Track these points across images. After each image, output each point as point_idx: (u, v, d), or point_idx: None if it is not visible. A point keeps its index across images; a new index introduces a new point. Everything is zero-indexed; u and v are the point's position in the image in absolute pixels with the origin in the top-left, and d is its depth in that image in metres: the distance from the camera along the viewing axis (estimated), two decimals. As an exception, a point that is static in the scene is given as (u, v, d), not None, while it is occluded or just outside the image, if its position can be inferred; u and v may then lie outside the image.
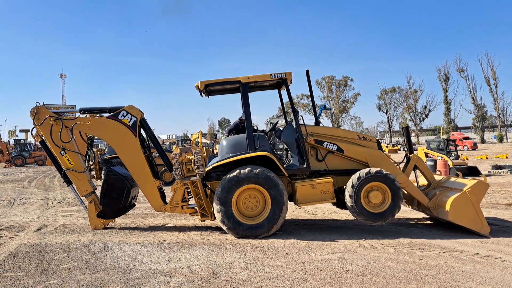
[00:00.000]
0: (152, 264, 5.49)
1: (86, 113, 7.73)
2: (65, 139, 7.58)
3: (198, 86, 7.55)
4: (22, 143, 38.87)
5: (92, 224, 7.72)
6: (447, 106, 73.92)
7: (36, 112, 7.55)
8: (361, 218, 7.04)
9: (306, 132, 7.48)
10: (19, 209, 10.54)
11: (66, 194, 13.76)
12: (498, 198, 11.17)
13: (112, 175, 7.70)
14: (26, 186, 17.31)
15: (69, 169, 7.64)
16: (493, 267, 5.25)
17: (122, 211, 7.91)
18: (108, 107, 7.72)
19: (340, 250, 6.11)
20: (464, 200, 6.90)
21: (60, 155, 7.62)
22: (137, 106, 7.76)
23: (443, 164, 18.65)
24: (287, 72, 7.48)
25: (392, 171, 7.43)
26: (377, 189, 7.06)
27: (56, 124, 7.57)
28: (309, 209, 9.81)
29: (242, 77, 7.37)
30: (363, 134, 8.03)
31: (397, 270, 5.14)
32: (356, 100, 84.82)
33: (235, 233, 6.92)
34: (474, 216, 6.88)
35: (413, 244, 6.41)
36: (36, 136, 7.78)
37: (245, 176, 6.92)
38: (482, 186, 7.11)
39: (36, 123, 7.57)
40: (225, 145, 7.44)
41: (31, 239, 6.97)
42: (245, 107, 7.38)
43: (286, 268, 5.27)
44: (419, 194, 7.58)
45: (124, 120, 7.60)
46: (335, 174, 7.57)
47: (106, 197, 7.65)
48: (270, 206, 6.97)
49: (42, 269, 5.34)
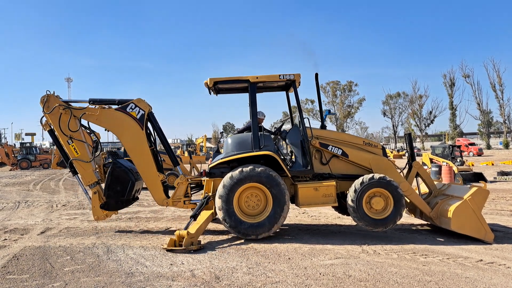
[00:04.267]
0: (154, 267, 5.50)
1: (95, 104, 7.79)
2: (73, 128, 7.66)
3: (207, 83, 7.63)
4: (27, 147, 39.08)
5: (95, 215, 7.76)
6: (453, 112, 73.64)
7: (46, 100, 7.65)
8: (362, 224, 7.02)
9: (311, 135, 7.49)
10: (24, 212, 10.61)
11: (70, 197, 13.82)
12: (503, 205, 11.09)
13: (117, 167, 7.75)
14: (31, 189, 17.41)
15: (75, 159, 7.72)
16: (497, 273, 5.22)
17: (125, 203, 7.96)
18: (117, 99, 7.81)
19: (343, 255, 6.09)
20: (466, 209, 6.85)
21: (67, 144, 7.69)
22: (145, 100, 7.83)
23: (448, 170, 18.55)
24: (296, 74, 7.51)
25: (396, 178, 7.40)
26: (379, 195, 7.05)
27: (65, 113, 7.65)
28: (313, 214, 9.79)
29: (251, 77, 7.44)
30: (368, 140, 8.02)
31: (400, 276, 5.11)
32: (360, 105, 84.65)
33: (236, 232, 6.95)
34: (477, 224, 6.83)
35: (417, 250, 6.38)
36: (45, 125, 7.87)
37: (247, 174, 6.95)
38: (482, 193, 7.05)
39: (46, 111, 7.65)
40: (230, 143, 7.51)
41: (35, 242, 7.01)
42: (252, 106, 7.43)
43: (288, 273, 5.26)
44: (422, 203, 7.54)
45: (132, 113, 7.68)
46: (339, 179, 7.57)
47: (110, 189, 7.69)
48: (271, 205, 6.99)
49: (45, 271, 5.36)
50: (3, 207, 11.54)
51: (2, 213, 10.40)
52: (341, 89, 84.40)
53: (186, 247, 6.28)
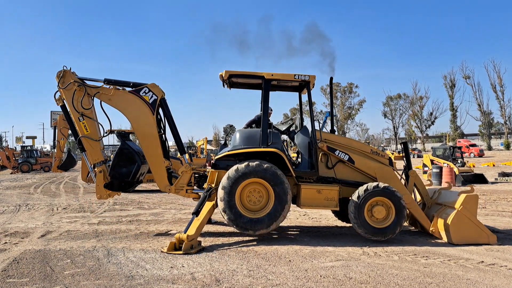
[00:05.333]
0: (155, 270, 5.48)
1: (109, 84, 7.80)
2: (86, 106, 7.71)
3: (222, 76, 7.68)
4: (28, 150, 39.10)
5: (98, 193, 7.81)
6: (453, 113, 73.63)
7: (62, 75, 7.69)
8: (361, 231, 6.99)
9: (320, 138, 7.49)
10: (24, 215, 10.61)
11: (71, 201, 13.83)
12: (505, 206, 11.07)
13: (125, 149, 7.80)
14: (32, 192, 17.41)
15: (85, 136, 7.75)
16: (498, 275, 5.20)
17: (129, 185, 7.99)
18: (131, 82, 7.82)
19: (343, 257, 6.08)
20: (461, 219, 6.84)
21: (78, 121, 7.73)
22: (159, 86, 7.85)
23: (449, 171, 18.56)
24: (311, 75, 7.52)
25: (399, 189, 7.38)
26: (382, 204, 7.02)
27: (79, 90, 7.69)
28: (314, 216, 9.77)
29: (266, 73, 7.49)
30: (376, 149, 8.02)
31: (401, 278, 5.10)
32: (361, 107, 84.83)
33: (235, 225, 6.96)
34: (476, 230, 6.81)
35: (418, 251, 6.36)
36: (58, 100, 7.91)
37: (253, 169, 6.98)
38: (472, 199, 7.00)
39: (61, 86, 7.69)
40: (239, 137, 7.53)
41: (35, 245, 7.00)
42: (264, 102, 7.49)
43: (289, 275, 5.24)
44: (423, 218, 7.52)
45: (145, 97, 7.72)
46: (342, 184, 7.55)
47: (116, 169, 7.73)
48: (272, 203, 7.01)
49: (45, 275, 5.35)
50: (4, 210, 11.54)
51: (2, 216, 10.40)
52: (342, 90, 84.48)
53: (185, 252, 6.27)
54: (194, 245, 6.50)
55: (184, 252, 6.27)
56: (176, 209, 11.39)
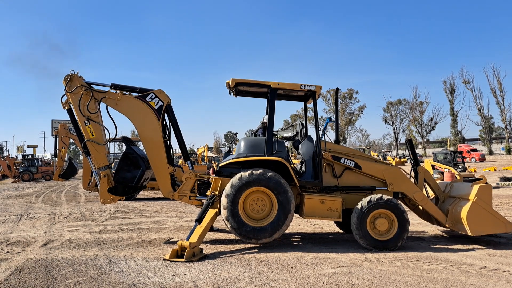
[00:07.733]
0: (157, 278, 5.48)
1: (116, 89, 7.86)
2: (92, 110, 7.76)
3: (228, 84, 7.73)
4: (29, 159, 39.09)
5: (102, 198, 7.83)
6: (454, 118, 73.60)
7: (69, 79, 7.74)
8: (363, 242, 6.96)
9: (325, 148, 7.51)
10: (26, 224, 10.60)
11: (72, 209, 13.82)
12: (507, 211, 11.04)
13: (130, 154, 7.84)
14: (33, 201, 17.41)
15: (90, 140, 7.79)
16: (501, 280, 5.18)
17: (133, 190, 8.00)
18: (138, 87, 7.88)
19: (346, 264, 6.07)
20: (477, 210, 6.84)
21: (84, 125, 7.78)
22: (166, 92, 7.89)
23: (450, 176, 18.50)
24: (317, 85, 7.56)
25: (410, 188, 7.41)
26: (385, 216, 7.01)
27: (86, 94, 7.74)
28: (315, 223, 9.76)
29: (272, 82, 7.53)
30: (381, 159, 8.06)
31: (404, 284, 5.08)
32: (361, 113, 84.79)
33: (238, 233, 6.95)
34: (493, 220, 6.83)
35: (420, 257, 6.35)
36: (65, 103, 7.95)
37: (257, 177, 6.99)
38: (486, 189, 7.05)
39: (68, 90, 7.74)
40: (243, 145, 7.56)
41: (37, 254, 7.00)
42: (270, 111, 7.51)
43: (291, 282, 5.23)
44: (438, 213, 7.48)
45: (151, 103, 7.77)
46: (348, 192, 7.53)
47: (120, 174, 7.76)
48: (276, 212, 7.01)
49: (47, 284, 5.35)
50: (5, 219, 11.53)
51: (4, 225, 10.39)
52: (342, 97, 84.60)
53: (187, 259, 6.26)
54: (196, 252, 6.49)
55: (186, 259, 6.26)
56: (178, 216, 11.37)
